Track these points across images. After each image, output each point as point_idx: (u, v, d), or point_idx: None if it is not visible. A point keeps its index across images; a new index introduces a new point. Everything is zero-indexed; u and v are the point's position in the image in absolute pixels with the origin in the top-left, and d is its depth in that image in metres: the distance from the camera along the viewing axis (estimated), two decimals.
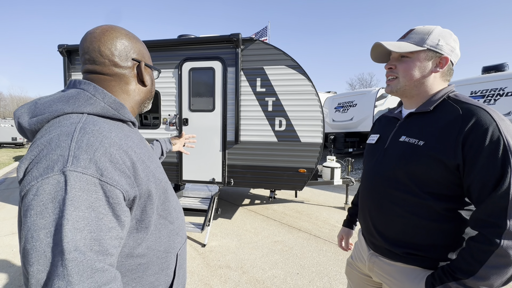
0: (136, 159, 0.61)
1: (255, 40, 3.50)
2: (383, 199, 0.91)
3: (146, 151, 0.69)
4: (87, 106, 0.61)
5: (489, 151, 0.70)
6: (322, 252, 3.00)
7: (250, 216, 4.18)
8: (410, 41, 0.87)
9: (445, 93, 0.86)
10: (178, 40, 3.73)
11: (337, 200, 5.09)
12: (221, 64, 3.59)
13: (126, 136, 0.63)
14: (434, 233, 0.82)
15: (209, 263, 2.76)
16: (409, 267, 0.87)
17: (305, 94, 3.41)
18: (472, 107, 0.76)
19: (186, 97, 3.74)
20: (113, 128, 0.61)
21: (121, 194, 0.55)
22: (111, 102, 0.65)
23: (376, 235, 0.94)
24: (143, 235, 0.65)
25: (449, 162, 0.75)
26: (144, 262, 0.67)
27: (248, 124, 3.58)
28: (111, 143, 0.56)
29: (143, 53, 0.75)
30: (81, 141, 0.53)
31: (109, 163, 0.54)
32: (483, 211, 0.71)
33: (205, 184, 3.83)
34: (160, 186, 0.69)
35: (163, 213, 0.72)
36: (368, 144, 1.08)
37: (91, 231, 0.49)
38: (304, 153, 3.46)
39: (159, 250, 0.70)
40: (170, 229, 0.74)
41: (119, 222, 0.54)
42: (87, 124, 0.57)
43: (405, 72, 0.88)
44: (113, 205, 0.53)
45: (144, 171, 0.63)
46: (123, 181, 0.55)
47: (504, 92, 6.27)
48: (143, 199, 0.62)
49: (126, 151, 0.58)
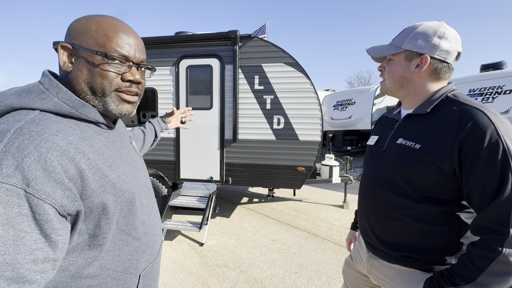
0: (86, 167, 0.52)
1: (253, 37, 3.46)
2: (379, 202, 0.90)
3: (109, 158, 0.60)
4: (37, 102, 0.53)
5: (487, 156, 0.67)
6: (321, 250, 2.99)
7: (248, 214, 4.17)
8: (394, 42, 0.88)
9: (444, 93, 0.83)
10: (175, 37, 3.68)
11: (336, 198, 5.08)
12: (218, 62, 3.55)
13: (83, 139, 0.55)
14: (431, 236, 0.80)
15: (207, 262, 2.74)
16: (407, 269, 0.85)
17: (304, 92, 3.38)
18: (470, 108, 0.73)
19: (184, 95, 3.70)
20: (64, 130, 0.52)
21: (52, 209, 0.46)
22: (67, 98, 0.56)
23: (374, 238, 0.93)
24: (95, 253, 0.57)
25: (445, 167, 0.73)
26: (95, 284, 0.58)
27: (246, 122, 3.55)
28: (51, 148, 0.48)
29: None
30: (11, 144, 0.45)
31: (41, 171, 0.45)
32: (485, 218, 0.69)
33: (203, 183, 3.80)
34: (122, 198, 0.60)
35: (126, 228, 0.63)
36: (368, 145, 1.07)
37: (5, 253, 0.41)
38: (303, 151, 3.44)
39: (116, 271, 0.61)
40: (133, 247, 0.65)
41: (48, 242, 0.46)
42: (29, 124, 0.49)
43: (388, 74, 0.90)
44: (40, 222, 0.45)
45: (98, 181, 0.54)
46: (58, 193, 0.47)
47: (502, 90, 6.28)
48: (96, 213, 0.54)
49: (72, 157, 0.50)
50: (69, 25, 0.61)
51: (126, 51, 0.61)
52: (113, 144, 0.65)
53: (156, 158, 3.83)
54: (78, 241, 0.54)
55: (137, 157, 0.78)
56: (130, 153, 0.73)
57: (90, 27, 0.59)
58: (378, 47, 0.93)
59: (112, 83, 0.60)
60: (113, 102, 0.62)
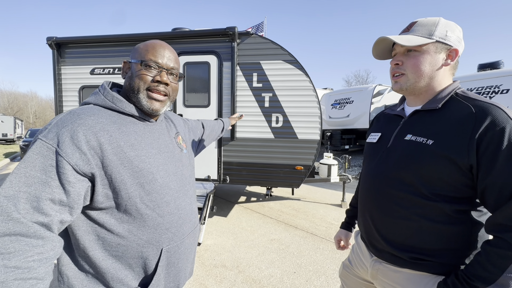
0: (106, 141, 0.68)
1: (252, 34, 3.41)
2: (387, 201, 0.85)
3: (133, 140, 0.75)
4: (93, 99, 0.78)
5: (507, 153, 0.65)
6: (319, 250, 2.97)
7: (246, 214, 4.13)
8: (417, 33, 0.81)
9: (453, 89, 0.81)
10: (172, 33, 3.61)
11: (334, 197, 5.07)
12: (216, 59, 3.50)
13: (113, 122, 0.73)
14: (443, 236, 0.76)
15: (204, 262, 2.70)
16: (418, 273, 0.81)
17: (303, 90, 3.34)
18: (485, 104, 0.71)
19: (181, 92, 3.64)
20: (100, 115, 0.72)
21: (68, 165, 0.63)
22: (107, 94, 0.78)
23: (380, 240, 0.88)
24: (123, 217, 0.72)
25: (462, 163, 0.70)
26: (124, 244, 0.73)
27: (244, 120, 3.50)
28: (81, 124, 0.66)
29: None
30: (60, 120, 0.67)
31: (69, 138, 0.64)
32: (502, 215, 0.66)
33: (200, 182, 3.75)
34: (139, 174, 0.73)
35: (150, 204, 0.75)
36: (368, 143, 1.02)
37: (36, 189, 0.59)
38: (301, 150, 3.41)
39: (141, 238, 0.75)
40: (157, 222, 0.77)
41: (63, 189, 0.62)
42: (78, 110, 0.71)
43: (414, 67, 0.81)
44: (60, 173, 0.62)
45: (117, 154, 0.70)
46: (76, 155, 0.64)
47: (499, 89, 6.30)
48: (116, 180, 0.69)
49: (95, 132, 0.67)
50: None
51: (158, 59, 0.81)
52: (147, 133, 0.82)
53: None
54: (103, 200, 0.70)
55: (177, 150, 0.93)
56: (167, 144, 0.88)
57: (139, 47, 0.83)
58: (403, 37, 0.82)
59: (145, 82, 0.79)
60: (144, 99, 0.80)
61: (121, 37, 3.62)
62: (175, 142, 0.94)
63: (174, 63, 0.85)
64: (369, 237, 0.94)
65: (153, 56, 0.80)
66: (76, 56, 3.80)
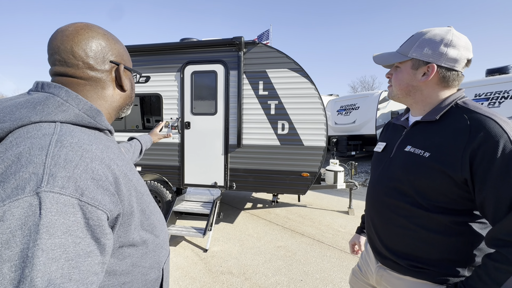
0: (118, 173, 0.55)
1: (258, 43, 3.49)
2: (388, 211, 0.87)
3: (127, 163, 0.64)
4: (58, 114, 0.54)
5: (501, 167, 0.65)
6: (326, 258, 2.95)
7: (253, 220, 4.14)
8: (401, 49, 0.88)
9: (453, 100, 0.81)
10: (180, 44, 3.72)
11: (341, 204, 5.03)
12: (223, 67, 3.58)
13: (107, 147, 0.57)
14: (443, 247, 0.77)
15: (211, 269, 2.72)
16: (419, 281, 0.82)
17: (308, 98, 3.38)
18: (481, 117, 0.71)
19: (188, 100, 3.72)
20: (93, 139, 0.55)
21: (105, 215, 0.48)
22: (87, 109, 0.58)
23: (382, 246, 0.91)
24: (125, 251, 0.60)
25: (456, 177, 0.71)
26: (128, 281, 0.62)
27: (250, 127, 3.55)
28: (93, 157, 0.50)
29: (123, 55, 0.68)
30: (58, 156, 0.46)
31: (91, 180, 0.48)
32: (501, 230, 0.67)
33: (207, 188, 3.79)
34: (141, 200, 0.64)
35: (149, 227, 0.67)
36: (375, 152, 1.05)
37: (69, 258, 0.42)
38: (307, 157, 3.42)
39: (144, 267, 0.66)
40: (156, 244, 0.70)
41: (98, 245, 0.48)
42: (63, 136, 0.50)
43: (395, 81, 0.90)
44: (93, 228, 0.46)
45: (126, 185, 0.57)
46: (107, 199, 0.49)
47: (508, 94, 6.21)
48: (127, 216, 0.57)
49: (108, 165, 0.53)
50: None
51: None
52: (119, 149, 0.68)
53: (160, 163, 3.85)
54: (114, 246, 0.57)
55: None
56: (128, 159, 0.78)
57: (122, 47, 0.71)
58: (385, 55, 0.92)
59: None
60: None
61: (128, 48, 3.75)
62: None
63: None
64: (373, 244, 0.97)
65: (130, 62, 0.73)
66: None
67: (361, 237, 1.26)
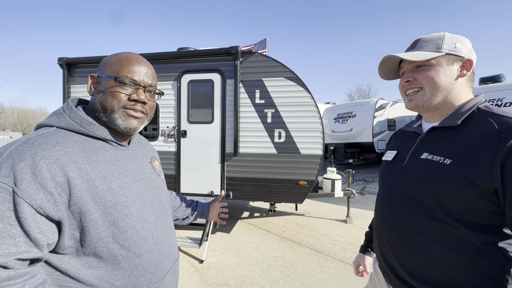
0: (76, 175, 0.59)
1: (254, 52, 3.53)
2: (403, 225, 0.77)
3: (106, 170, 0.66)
4: (55, 120, 0.66)
5: None
6: (324, 268, 2.89)
7: (250, 230, 4.07)
8: (424, 49, 0.78)
9: (474, 104, 0.74)
10: (177, 53, 3.75)
11: (339, 212, 4.98)
12: (220, 76, 3.60)
13: (82, 151, 0.63)
14: (467, 270, 0.66)
15: (206, 281, 2.65)
16: None
17: (304, 106, 3.40)
18: (510, 120, 0.65)
19: (185, 109, 3.73)
20: (66, 142, 0.61)
21: (30, 208, 0.53)
22: (76, 117, 0.67)
23: (399, 267, 0.79)
24: (92, 261, 0.61)
25: (484, 185, 0.62)
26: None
27: (247, 136, 3.55)
28: (46, 156, 0.56)
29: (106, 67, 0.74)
30: (16, 151, 0.55)
31: (30, 175, 0.53)
32: None
33: (203, 197, 3.75)
34: (112, 210, 0.63)
35: (125, 243, 0.65)
36: (384, 161, 0.96)
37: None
38: (304, 165, 3.41)
39: (114, 285, 0.63)
40: (134, 263, 0.66)
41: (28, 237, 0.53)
42: (38, 136, 0.59)
43: (429, 80, 0.76)
44: (20, 218, 0.52)
45: (87, 190, 0.60)
46: (39, 195, 0.54)
47: (502, 102, 6.31)
48: (85, 219, 0.59)
49: (62, 166, 0.57)
50: None
51: (135, 76, 0.72)
52: (120, 159, 0.72)
53: None
54: (70, 243, 0.60)
55: (153, 175, 0.83)
56: (143, 170, 0.79)
57: (111, 59, 0.73)
58: (411, 53, 0.79)
59: (120, 101, 0.70)
60: (120, 118, 0.71)
61: None
62: (151, 166, 0.84)
63: (151, 80, 0.76)
64: (386, 264, 0.86)
65: (128, 72, 0.71)
66: (85, 75, 3.94)
67: (366, 257, 1.13)
